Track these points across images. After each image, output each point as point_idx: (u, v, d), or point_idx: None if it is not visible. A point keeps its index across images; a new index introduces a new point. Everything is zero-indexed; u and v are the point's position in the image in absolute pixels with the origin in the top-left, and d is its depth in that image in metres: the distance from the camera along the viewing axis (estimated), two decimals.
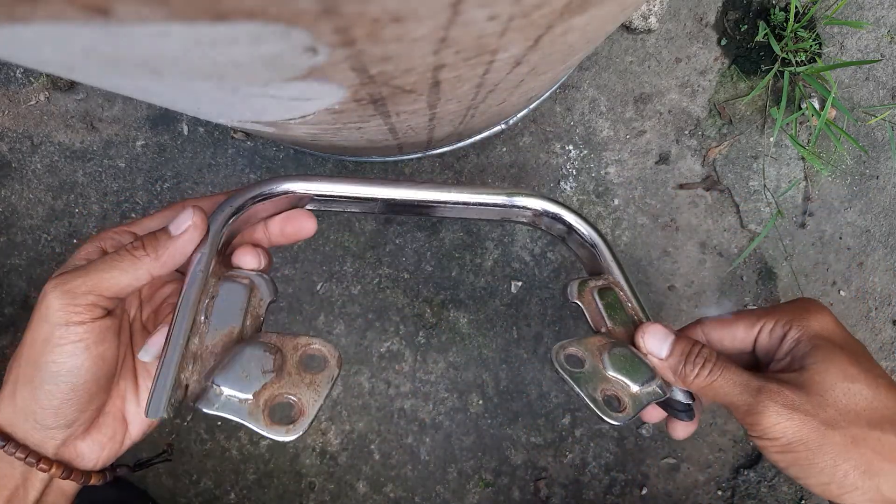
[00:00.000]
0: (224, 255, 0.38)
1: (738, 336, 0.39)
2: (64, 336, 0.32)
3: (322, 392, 0.33)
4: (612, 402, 0.36)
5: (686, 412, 0.38)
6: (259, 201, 0.38)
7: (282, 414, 0.32)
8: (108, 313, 0.33)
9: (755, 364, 0.40)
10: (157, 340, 0.35)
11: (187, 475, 0.70)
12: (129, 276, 0.32)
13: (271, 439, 0.32)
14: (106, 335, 0.33)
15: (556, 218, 0.41)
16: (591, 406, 0.34)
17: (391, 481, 0.71)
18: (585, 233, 0.41)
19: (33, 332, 0.32)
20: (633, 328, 0.39)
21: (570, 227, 0.41)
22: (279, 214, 0.39)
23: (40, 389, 0.32)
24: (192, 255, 0.34)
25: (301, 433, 0.31)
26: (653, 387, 0.36)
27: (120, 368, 0.36)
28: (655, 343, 0.37)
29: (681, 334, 0.38)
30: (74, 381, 0.33)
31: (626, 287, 0.40)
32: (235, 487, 0.70)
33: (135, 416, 0.37)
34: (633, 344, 0.38)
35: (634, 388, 0.36)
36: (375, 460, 0.71)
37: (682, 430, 0.40)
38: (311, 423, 0.32)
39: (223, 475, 0.70)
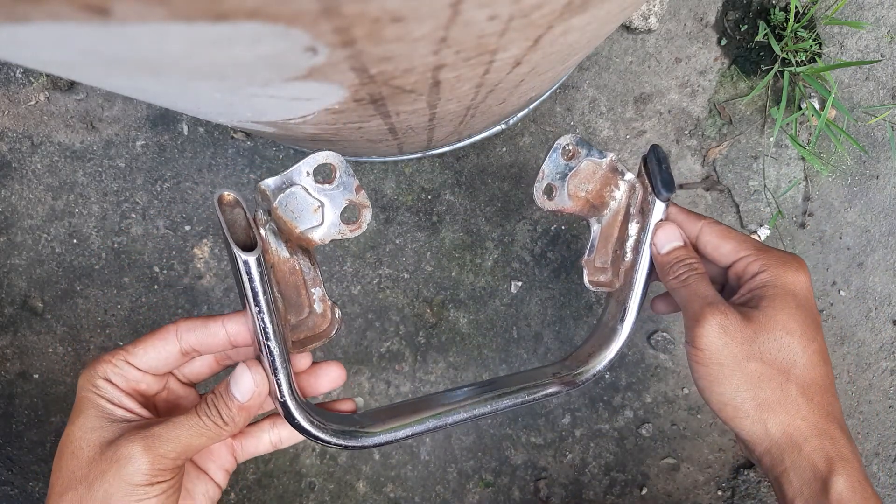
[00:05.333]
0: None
1: (723, 251, 0.43)
2: (148, 492, 0.34)
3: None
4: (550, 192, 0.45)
5: None
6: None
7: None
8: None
9: (724, 279, 0.45)
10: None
11: None
12: (211, 440, 0.35)
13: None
14: (179, 485, 0.36)
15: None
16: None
17: (391, 481, 0.71)
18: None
19: (109, 486, 0.33)
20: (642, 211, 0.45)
21: None
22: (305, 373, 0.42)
23: None
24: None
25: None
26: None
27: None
28: (663, 239, 0.43)
29: (686, 244, 0.43)
30: None
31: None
32: (235, 487, 0.70)
33: None
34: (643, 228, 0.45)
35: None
36: (375, 460, 0.71)
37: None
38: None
39: None
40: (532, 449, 0.71)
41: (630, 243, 0.46)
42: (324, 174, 0.37)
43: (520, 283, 0.69)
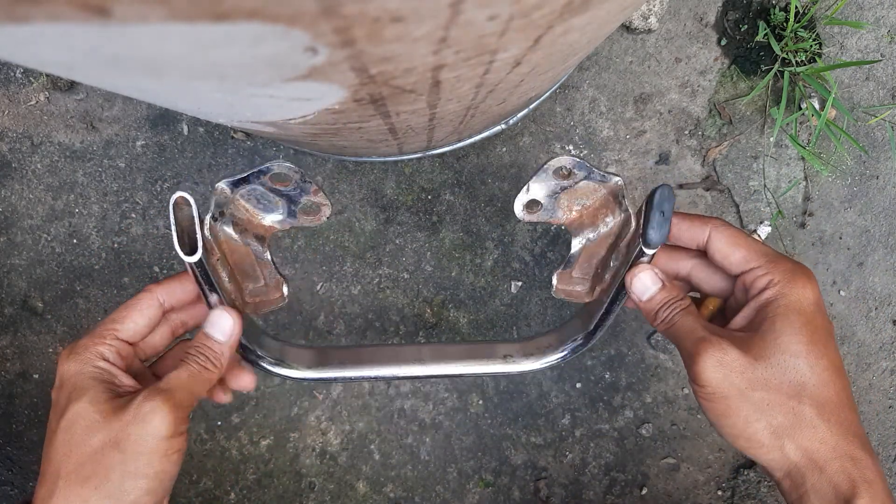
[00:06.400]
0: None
1: (733, 260, 0.41)
2: (172, 444, 0.36)
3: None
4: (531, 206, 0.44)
5: None
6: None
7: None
8: None
9: (732, 287, 0.43)
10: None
11: (187, 475, 0.70)
12: (207, 385, 0.39)
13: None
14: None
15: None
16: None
17: (391, 481, 0.71)
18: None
19: (135, 445, 0.35)
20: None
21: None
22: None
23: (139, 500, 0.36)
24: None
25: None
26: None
27: None
28: (640, 288, 0.41)
29: (664, 285, 0.41)
30: (170, 485, 0.37)
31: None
32: (235, 487, 0.70)
33: None
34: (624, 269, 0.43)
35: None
36: (375, 460, 0.71)
37: None
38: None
39: (223, 475, 0.70)
40: (532, 449, 0.71)
41: (611, 268, 0.44)
42: (281, 179, 0.41)
43: (520, 283, 0.69)
